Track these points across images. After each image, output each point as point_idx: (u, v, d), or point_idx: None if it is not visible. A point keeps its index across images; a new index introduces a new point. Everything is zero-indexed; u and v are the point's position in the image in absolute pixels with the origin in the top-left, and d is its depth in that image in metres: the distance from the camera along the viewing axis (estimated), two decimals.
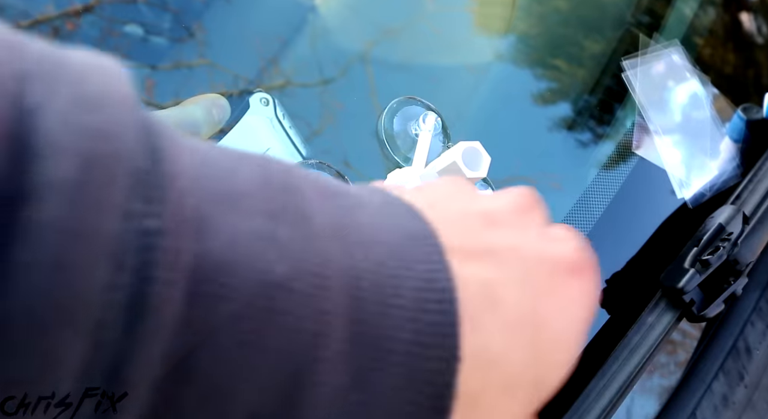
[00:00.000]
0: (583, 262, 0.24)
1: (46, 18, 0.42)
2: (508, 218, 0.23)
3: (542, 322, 0.22)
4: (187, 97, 0.42)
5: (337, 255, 0.18)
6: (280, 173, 0.19)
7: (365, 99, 0.50)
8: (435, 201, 0.23)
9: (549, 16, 0.64)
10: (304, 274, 0.17)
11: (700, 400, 0.51)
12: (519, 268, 0.22)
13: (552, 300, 0.22)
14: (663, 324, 0.49)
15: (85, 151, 0.15)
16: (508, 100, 0.58)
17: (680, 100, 0.63)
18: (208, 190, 0.17)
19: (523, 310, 0.21)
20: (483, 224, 0.23)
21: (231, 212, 0.17)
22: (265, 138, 0.43)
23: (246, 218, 0.17)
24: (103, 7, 0.44)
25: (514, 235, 0.23)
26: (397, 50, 0.54)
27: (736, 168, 0.63)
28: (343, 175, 0.44)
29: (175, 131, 0.18)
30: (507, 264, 0.22)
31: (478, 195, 0.25)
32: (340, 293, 0.18)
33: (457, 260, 0.20)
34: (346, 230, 0.19)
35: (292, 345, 0.17)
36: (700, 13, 0.69)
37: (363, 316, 0.18)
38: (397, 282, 0.18)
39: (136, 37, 0.45)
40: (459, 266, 0.20)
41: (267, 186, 0.18)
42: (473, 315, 0.20)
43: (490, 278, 0.21)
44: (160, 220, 0.15)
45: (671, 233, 0.57)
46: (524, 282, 0.22)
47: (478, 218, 0.23)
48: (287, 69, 0.48)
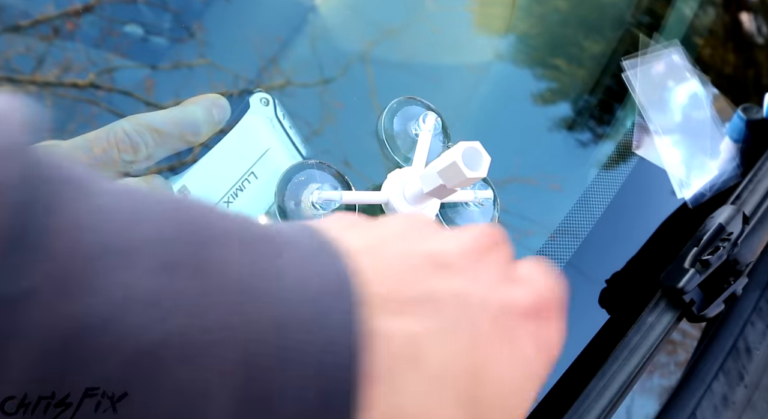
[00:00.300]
0: (542, 306, 0.23)
1: (46, 18, 0.42)
2: (460, 260, 0.22)
3: (483, 374, 0.21)
4: (187, 97, 0.42)
5: (234, 310, 0.17)
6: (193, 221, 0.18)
7: (365, 99, 0.50)
8: (379, 243, 0.22)
9: (549, 16, 0.64)
10: (193, 331, 0.17)
11: (700, 400, 0.51)
12: (458, 318, 0.21)
13: (497, 351, 0.21)
14: (663, 324, 0.49)
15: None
16: (508, 101, 0.58)
17: (680, 100, 0.63)
18: (97, 244, 0.16)
19: (456, 363, 0.20)
20: (428, 268, 0.21)
21: (119, 269, 0.16)
22: (265, 138, 0.43)
23: (135, 273, 0.16)
24: (103, 7, 0.44)
25: (462, 280, 0.22)
26: (397, 50, 0.54)
27: (736, 168, 0.63)
28: (343, 175, 0.44)
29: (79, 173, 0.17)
30: (444, 314, 0.20)
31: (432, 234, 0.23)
32: (231, 351, 0.17)
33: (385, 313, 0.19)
34: (252, 282, 0.18)
35: (172, 406, 0.16)
36: (700, 13, 0.69)
37: (253, 376, 0.17)
38: (297, 343, 0.18)
39: (136, 37, 0.45)
40: (384, 320, 0.19)
41: (169, 237, 0.17)
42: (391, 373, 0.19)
43: (417, 331, 0.20)
44: (26, 281, 0.15)
45: (671, 233, 0.57)
46: (462, 333, 0.20)
47: (424, 261, 0.22)
48: (287, 69, 0.48)
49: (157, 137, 0.38)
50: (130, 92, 0.43)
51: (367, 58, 0.51)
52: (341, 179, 0.44)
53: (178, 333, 0.16)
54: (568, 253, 0.52)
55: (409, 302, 0.20)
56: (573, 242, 0.53)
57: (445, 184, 0.38)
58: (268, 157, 0.42)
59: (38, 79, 0.41)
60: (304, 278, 0.19)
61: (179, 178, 0.40)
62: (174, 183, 0.40)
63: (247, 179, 0.42)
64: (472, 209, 0.48)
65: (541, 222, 0.53)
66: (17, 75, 0.40)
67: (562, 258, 0.52)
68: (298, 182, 0.42)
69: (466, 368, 0.20)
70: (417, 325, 0.20)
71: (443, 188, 0.38)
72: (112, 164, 0.37)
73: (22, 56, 0.41)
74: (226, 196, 0.41)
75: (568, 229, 0.53)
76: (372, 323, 0.19)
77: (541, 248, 0.52)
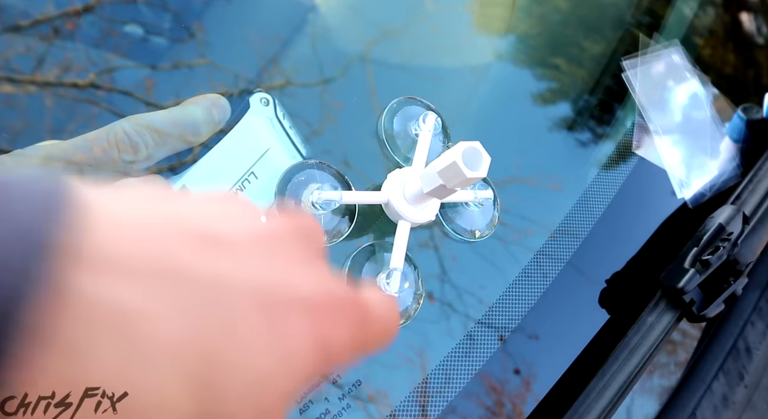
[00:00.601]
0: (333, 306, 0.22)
1: (46, 18, 0.42)
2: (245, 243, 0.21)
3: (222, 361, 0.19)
4: (187, 98, 0.42)
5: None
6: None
7: (365, 99, 0.50)
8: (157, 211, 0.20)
9: (549, 16, 0.64)
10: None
11: (700, 400, 0.51)
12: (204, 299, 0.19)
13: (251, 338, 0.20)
14: (663, 324, 0.49)
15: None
16: (508, 100, 0.58)
17: (680, 100, 0.63)
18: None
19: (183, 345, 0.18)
20: (196, 245, 0.20)
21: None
22: (265, 138, 0.43)
23: None
24: (103, 7, 0.44)
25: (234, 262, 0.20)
26: (397, 50, 0.54)
27: (736, 168, 0.63)
28: (343, 175, 0.44)
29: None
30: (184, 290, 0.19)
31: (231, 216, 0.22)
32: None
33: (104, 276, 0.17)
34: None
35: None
36: (700, 13, 0.69)
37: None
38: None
39: (136, 37, 0.45)
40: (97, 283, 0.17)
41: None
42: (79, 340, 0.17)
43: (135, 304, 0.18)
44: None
45: (671, 233, 0.57)
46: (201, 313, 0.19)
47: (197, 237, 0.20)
48: (287, 69, 0.48)
49: (157, 137, 0.38)
50: (130, 92, 0.43)
51: (367, 58, 0.51)
52: (341, 179, 0.44)
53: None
54: (568, 253, 0.52)
55: (142, 270, 0.18)
56: (573, 242, 0.53)
57: (445, 184, 0.38)
58: (268, 157, 0.42)
59: (38, 79, 0.41)
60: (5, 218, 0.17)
61: (179, 178, 0.40)
62: (174, 183, 0.40)
63: (247, 179, 0.42)
64: (472, 209, 0.48)
65: (541, 222, 0.53)
66: (17, 75, 0.40)
67: (562, 258, 0.52)
68: (298, 182, 0.42)
69: (201, 351, 0.19)
70: (138, 299, 0.18)
71: (443, 188, 0.38)
72: (112, 164, 0.37)
73: (22, 56, 0.41)
74: None
75: (568, 229, 0.53)
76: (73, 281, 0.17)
77: (541, 248, 0.52)
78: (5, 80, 0.40)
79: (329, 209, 0.42)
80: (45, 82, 0.41)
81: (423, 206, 0.44)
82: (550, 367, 0.49)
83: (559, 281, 0.51)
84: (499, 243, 0.50)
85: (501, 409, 0.47)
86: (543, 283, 0.50)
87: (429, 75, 0.54)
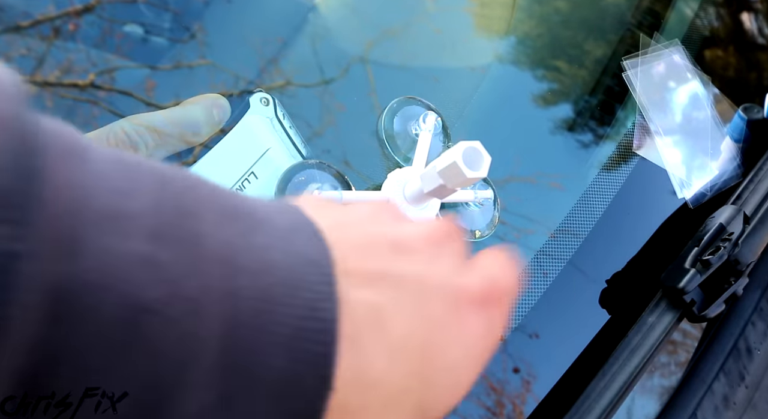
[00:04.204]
0: (490, 294, 0.25)
1: (46, 18, 0.42)
2: (421, 246, 0.24)
3: (433, 351, 0.22)
4: (188, 98, 0.42)
5: (219, 280, 0.18)
6: (178, 193, 0.19)
7: (365, 99, 0.50)
8: (346, 223, 0.23)
9: (549, 16, 0.64)
10: (177, 299, 0.17)
11: (701, 400, 0.51)
12: (416, 296, 0.22)
13: (447, 331, 0.23)
14: (664, 324, 0.49)
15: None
16: (509, 100, 0.58)
17: (681, 101, 0.63)
18: (91, 209, 0.17)
19: (412, 337, 0.22)
20: (391, 250, 0.23)
21: (110, 234, 0.17)
22: (265, 138, 0.43)
23: (126, 239, 0.17)
24: (103, 7, 0.44)
25: (421, 263, 0.23)
26: (397, 50, 0.54)
27: (737, 168, 0.63)
28: (343, 175, 0.44)
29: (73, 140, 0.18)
30: (403, 291, 0.22)
31: (396, 222, 0.25)
32: (214, 319, 0.18)
33: (351, 284, 0.21)
34: (236, 254, 0.19)
35: (157, 369, 0.17)
36: (701, 13, 0.69)
37: (236, 342, 0.18)
38: (279, 310, 0.19)
39: (136, 37, 0.45)
40: (351, 290, 0.20)
41: (159, 206, 0.18)
42: (356, 338, 0.20)
43: (381, 303, 0.21)
44: (23, 243, 0.15)
45: (672, 233, 0.57)
46: (418, 310, 0.22)
47: (388, 243, 0.23)
48: (288, 69, 0.48)
49: (157, 137, 0.38)
50: (130, 93, 0.43)
51: (367, 58, 0.51)
52: (341, 178, 0.44)
53: (163, 299, 0.17)
54: (569, 253, 0.52)
55: (371, 277, 0.22)
56: (574, 241, 0.53)
57: (445, 184, 0.38)
58: (268, 157, 0.42)
59: (39, 79, 0.41)
60: (285, 251, 0.20)
61: None
62: None
63: (247, 179, 0.42)
64: (473, 208, 0.48)
65: (541, 222, 0.53)
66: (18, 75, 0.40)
67: (562, 258, 0.52)
68: (298, 181, 0.42)
69: (422, 343, 0.22)
70: (379, 297, 0.21)
71: (443, 187, 0.38)
72: None
73: (22, 57, 0.41)
74: None
75: (568, 228, 0.53)
76: (341, 292, 0.20)
77: (542, 248, 0.52)
78: None
79: None
80: (45, 82, 0.41)
81: (423, 206, 0.44)
82: (550, 367, 0.49)
83: (560, 280, 0.51)
84: (499, 243, 0.50)
85: (501, 409, 0.46)
86: (543, 283, 0.50)
87: (429, 75, 0.54)
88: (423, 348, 0.22)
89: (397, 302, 0.22)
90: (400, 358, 0.21)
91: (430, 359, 0.22)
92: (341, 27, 0.53)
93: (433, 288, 0.23)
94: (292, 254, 0.20)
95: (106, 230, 0.17)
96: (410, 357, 0.21)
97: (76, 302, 0.16)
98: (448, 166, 0.36)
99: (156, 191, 0.18)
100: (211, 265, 0.18)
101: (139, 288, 0.17)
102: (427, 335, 0.22)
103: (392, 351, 0.21)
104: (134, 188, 0.18)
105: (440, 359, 0.23)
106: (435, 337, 0.22)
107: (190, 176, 0.20)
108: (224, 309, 0.18)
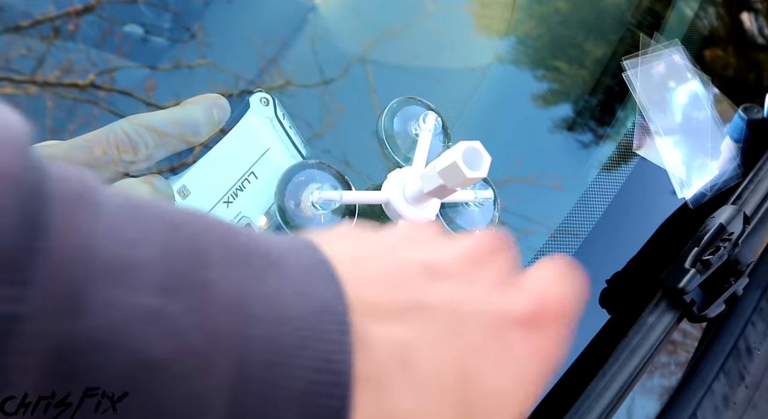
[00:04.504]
0: (540, 312, 0.23)
1: (46, 18, 0.42)
2: (456, 269, 0.23)
3: (472, 379, 0.21)
4: (188, 98, 0.41)
5: (228, 330, 0.18)
6: (189, 238, 0.18)
7: (365, 99, 0.50)
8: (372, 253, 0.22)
9: (549, 16, 0.64)
10: (184, 355, 0.17)
11: (701, 400, 0.51)
12: (448, 325, 0.21)
13: (486, 357, 0.21)
14: (664, 324, 0.49)
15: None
16: (509, 100, 0.58)
17: (681, 101, 0.63)
18: (98, 259, 0.16)
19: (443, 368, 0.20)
20: (421, 277, 0.22)
21: (117, 286, 0.16)
22: (265, 138, 0.43)
23: (133, 292, 0.17)
24: (103, 7, 0.44)
25: (456, 288, 0.22)
26: (397, 50, 0.54)
27: (737, 168, 0.63)
28: (343, 175, 0.44)
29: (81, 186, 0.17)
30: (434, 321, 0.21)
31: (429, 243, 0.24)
32: (223, 373, 0.17)
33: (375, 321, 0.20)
34: (247, 302, 0.18)
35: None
36: (701, 13, 0.69)
37: (246, 397, 0.18)
38: (291, 362, 0.18)
39: (136, 37, 0.45)
40: (374, 328, 0.20)
41: (168, 255, 0.18)
42: (380, 379, 0.19)
43: (407, 338, 0.20)
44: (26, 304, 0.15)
45: (672, 233, 0.57)
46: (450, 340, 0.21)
47: (419, 270, 0.22)
48: (288, 69, 0.48)
49: (157, 137, 0.38)
50: (130, 93, 0.43)
51: (367, 58, 0.51)
52: (341, 178, 0.44)
53: (170, 355, 0.17)
54: (569, 253, 0.52)
55: (398, 310, 0.20)
56: (574, 241, 0.53)
57: (445, 184, 0.38)
58: (268, 157, 0.42)
59: (39, 79, 0.41)
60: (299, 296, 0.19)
61: (179, 178, 0.40)
62: (174, 183, 0.40)
63: (247, 179, 0.42)
64: (473, 209, 0.48)
65: (541, 222, 0.53)
66: (17, 75, 0.40)
67: None
68: (298, 182, 0.42)
69: (458, 374, 0.21)
70: (406, 332, 0.20)
71: (443, 188, 0.38)
72: (112, 164, 0.37)
73: (22, 57, 0.41)
74: (226, 196, 0.41)
75: (568, 228, 0.53)
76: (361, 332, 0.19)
77: (542, 248, 0.52)
78: (6, 81, 0.40)
79: (329, 209, 0.42)
80: (45, 82, 0.41)
81: (423, 206, 0.44)
82: None
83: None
84: None
85: None
86: None
87: (429, 75, 0.54)
88: (459, 379, 0.21)
89: (427, 333, 0.20)
90: (432, 393, 0.20)
91: (470, 388, 0.21)
92: (341, 27, 0.53)
93: (469, 314, 0.22)
94: (305, 300, 0.19)
95: (112, 282, 0.16)
96: (444, 390, 0.20)
97: (81, 362, 0.16)
98: (448, 166, 0.36)
99: (166, 239, 0.18)
100: (221, 314, 0.18)
101: (146, 345, 0.16)
102: (463, 364, 0.21)
103: (421, 386, 0.20)
104: (143, 237, 0.17)
105: (481, 386, 0.21)
106: (473, 365, 0.21)
107: (202, 218, 0.19)
108: (233, 360, 0.17)
